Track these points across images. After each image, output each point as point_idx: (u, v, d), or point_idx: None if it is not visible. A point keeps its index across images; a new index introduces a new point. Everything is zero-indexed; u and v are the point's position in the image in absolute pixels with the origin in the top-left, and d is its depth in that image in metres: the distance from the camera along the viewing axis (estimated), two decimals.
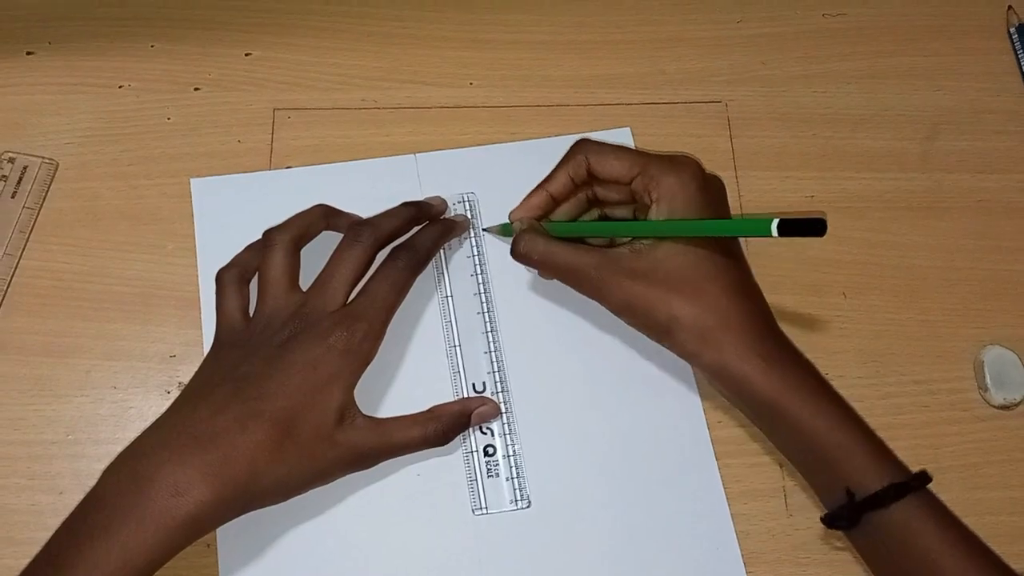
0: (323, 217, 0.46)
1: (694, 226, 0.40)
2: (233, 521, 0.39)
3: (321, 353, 0.40)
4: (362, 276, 0.43)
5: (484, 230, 0.49)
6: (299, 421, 0.39)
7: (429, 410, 0.44)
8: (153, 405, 0.46)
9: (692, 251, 0.40)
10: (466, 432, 0.45)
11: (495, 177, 0.50)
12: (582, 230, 0.45)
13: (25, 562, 0.42)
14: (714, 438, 0.46)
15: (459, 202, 0.50)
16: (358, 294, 0.43)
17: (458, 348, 0.47)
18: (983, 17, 0.56)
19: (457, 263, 0.49)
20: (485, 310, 0.48)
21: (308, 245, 0.45)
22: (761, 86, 0.54)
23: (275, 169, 0.50)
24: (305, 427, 0.39)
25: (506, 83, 0.54)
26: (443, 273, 0.48)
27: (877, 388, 0.48)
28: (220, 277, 0.44)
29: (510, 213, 0.46)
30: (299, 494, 0.40)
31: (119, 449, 0.44)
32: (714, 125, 0.53)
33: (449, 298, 0.48)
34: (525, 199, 0.45)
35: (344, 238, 0.44)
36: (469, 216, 0.49)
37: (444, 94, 0.53)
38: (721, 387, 0.41)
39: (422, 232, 0.46)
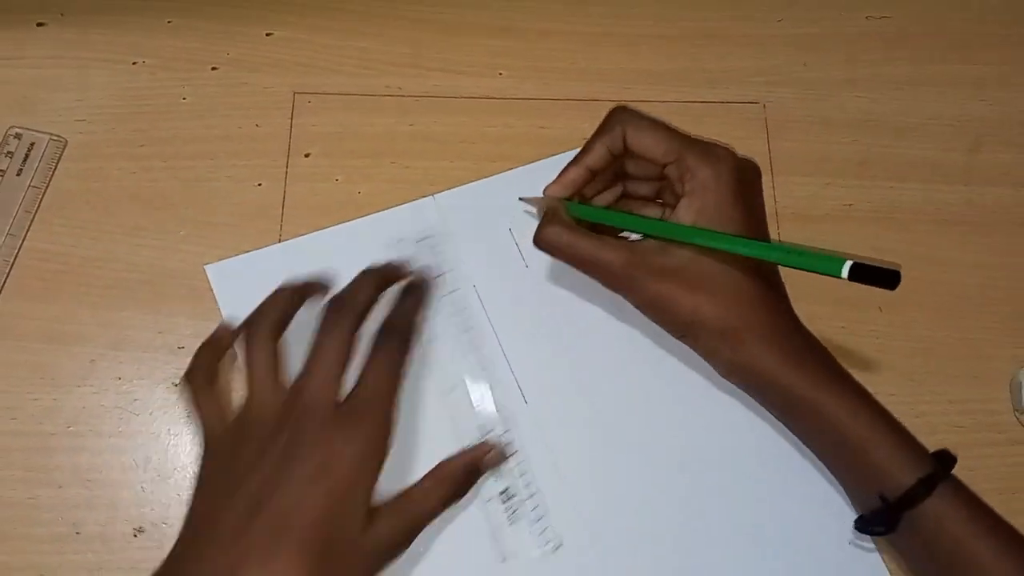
0: (294, 296, 0.42)
1: (749, 245, 0.37)
2: None
3: (332, 456, 0.37)
4: (348, 361, 0.40)
5: (521, 199, 0.46)
6: (329, 538, 0.35)
7: (437, 469, 0.41)
8: (159, 398, 0.44)
9: (720, 251, 0.39)
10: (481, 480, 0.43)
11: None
12: (617, 221, 0.42)
13: (20, 558, 0.41)
14: None
15: (421, 240, 0.47)
16: (356, 386, 0.39)
17: (454, 390, 0.44)
18: None
19: (435, 305, 0.46)
20: (475, 347, 0.45)
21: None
22: (801, 88, 0.52)
23: (285, 240, 0.47)
24: (334, 541, 0.36)
25: (538, 75, 0.52)
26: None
27: (911, 406, 0.46)
28: (186, 383, 0.41)
29: (545, 188, 0.43)
30: None
31: (122, 443, 0.43)
32: (752, 127, 0.51)
33: (434, 341, 0.45)
34: (562, 173, 0.43)
35: (319, 325, 0.40)
36: (432, 257, 0.47)
37: (473, 84, 0.51)
38: (743, 385, 0.41)
39: (402, 305, 0.43)
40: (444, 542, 0.42)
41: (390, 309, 0.42)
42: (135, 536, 0.42)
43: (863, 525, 0.39)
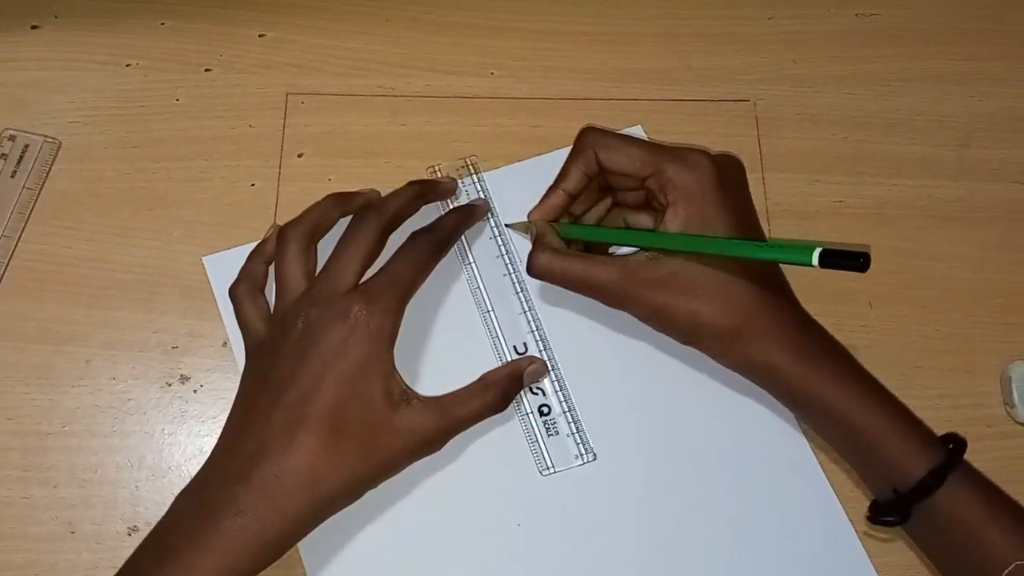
0: (335, 205, 0.44)
1: (725, 245, 0.39)
2: None
3: (344, 336, 0.38)
4: (372, 258, 0.42)
5: (507, 226, 0.48)
6: (347, 415, 0.37)
7: (481, 378, 0.43)
8: (153, 397, 0.45)
9: (711, 255, 0.39)
10: (518, 396, 0.44)
11: None
12: (603, 236, 0.44)
13: (16, 557, 0.42)
14: None
15: (462, 167, 0.49)
16: (375, 273, 0.41)
17: (492, 313, 0.46)
18: (1023, 22, 0.55)
19: (474, 229, 0.48)
20: (511, 270, 0.47)
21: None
22: (791, 86, 0.52)
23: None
24: (356, 420, 0.38)
25: (528, 74, 0.52)
26: (462, 240, 0.47)
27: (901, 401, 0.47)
28: (233, 293, 0.43)
29: (529, 213, 0.44)
30: (369, 489, 0.39)
31: (116, 442, 0.44)
32: (742, 124, 0.52)
33: (472, 264, 0.47)
34: (543, 199, 0.44)
35: (350, 221, 0.43)
36: (483, 196, 0.48)
37: (463, 83, 0.52)
38: (755, 381, 0.41)
39: (443, 217, 0.46)
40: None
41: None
42: (129, 535, 0.42)
43: (875, 515, 0.40)
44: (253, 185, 0.49)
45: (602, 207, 0.46)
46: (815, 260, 0.34)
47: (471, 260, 0.47)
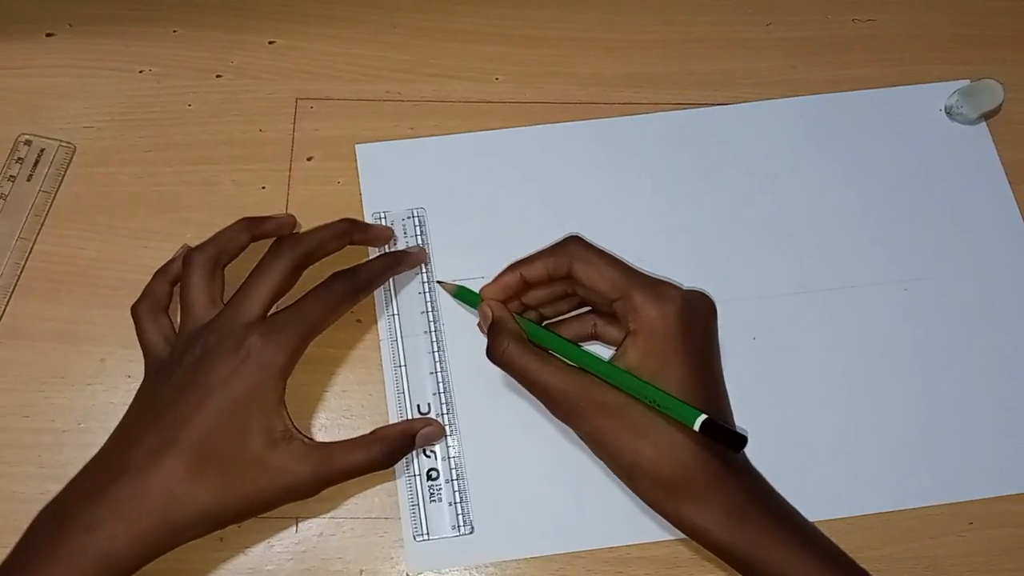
0: (244, 230, 0.44)
1: (646, 390, 0.37)
2: None
3: (235, 367, 0.38)
4: (283, 291, 0.41)
5: (438, 282, 0.47)
6: (218, 445, 0.37)
7: (372, 432, 0.42)
8: None
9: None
10: (410, 456, 0.44)
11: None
12: (554, 346, 0.41)
13: None
14: None
15: (408, 218, 0.49)
16: (283, 308, 0.41)
17: (403, 368, 0.46)
18: (1016, 27, 0.56)
19: (405, 279, 0.47)
20: (432, 329, 0.46)
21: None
22: (790, 90, 0.53)
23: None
24: (226, 451, 0.37)
25: (532, 79, 0.53)
26: (390, 288, 0.47)
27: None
28: (134, 311, 0.43)
29: (483, 288, 0.43)
30: (231, 523, 0.38)
31: None
32: None
33: (396, 316, 0.47)
34: (498, 276, 0.43)
35: (267, 251, 0.42)
36: (422, 245, 0.48)
37: (469, 88, 0.53)
38: (688, 536, 0.38)
39: (369, 261, 0.45)
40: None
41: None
42: None
43: None
44: (264, 188, 0.50)
45: (564, 304, 0.44)
46: (696, 426, 0.36)
47: (395, 311, 0.47)
